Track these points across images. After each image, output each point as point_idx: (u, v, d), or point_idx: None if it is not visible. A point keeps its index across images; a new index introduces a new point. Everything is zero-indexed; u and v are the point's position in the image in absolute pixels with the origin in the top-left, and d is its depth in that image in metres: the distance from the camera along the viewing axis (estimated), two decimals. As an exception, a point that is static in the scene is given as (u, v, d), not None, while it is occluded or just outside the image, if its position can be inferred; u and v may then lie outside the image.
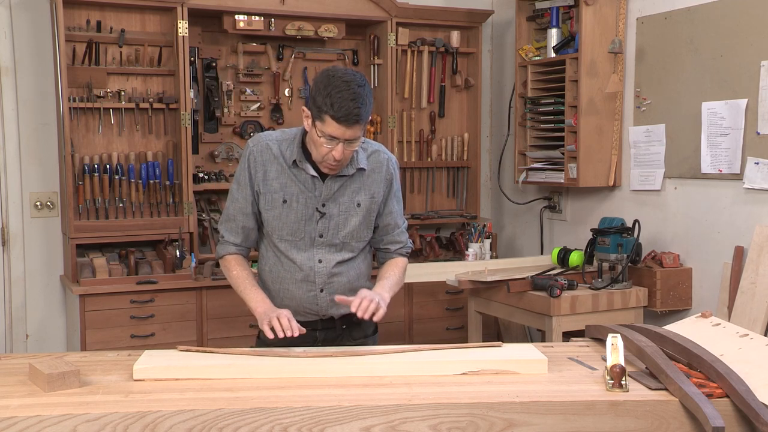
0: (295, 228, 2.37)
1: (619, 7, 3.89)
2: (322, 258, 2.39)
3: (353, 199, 2.38)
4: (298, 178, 2.35)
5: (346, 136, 2.20)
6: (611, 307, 3.48)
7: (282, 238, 2.38)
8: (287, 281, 2.41)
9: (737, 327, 2.31)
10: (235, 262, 2.45)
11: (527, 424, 1.84)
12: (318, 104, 2.19)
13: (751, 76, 3.28)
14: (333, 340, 2.46)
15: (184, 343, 3.61)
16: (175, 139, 3.97)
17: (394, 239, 2.52)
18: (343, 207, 2.37)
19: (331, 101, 2.16)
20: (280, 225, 2.37)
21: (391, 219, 2.48)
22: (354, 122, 2.18)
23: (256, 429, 1.78)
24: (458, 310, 4.29)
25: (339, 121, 2.17)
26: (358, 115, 2.18)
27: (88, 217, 3.79)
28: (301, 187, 2.35)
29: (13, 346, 3.92)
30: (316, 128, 2.23)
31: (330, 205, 2.36)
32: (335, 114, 2.16)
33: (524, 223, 4.77)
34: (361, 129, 2.25)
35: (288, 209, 2.36)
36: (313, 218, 2.36)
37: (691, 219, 3.62)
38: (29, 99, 3.91)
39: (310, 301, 2.41)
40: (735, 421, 1.86)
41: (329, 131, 2.19)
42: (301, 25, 4.15)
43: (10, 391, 1.91)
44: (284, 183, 2.35)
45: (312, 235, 2.37)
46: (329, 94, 2.17)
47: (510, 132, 4.57)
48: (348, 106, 2.16)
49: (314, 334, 2.43)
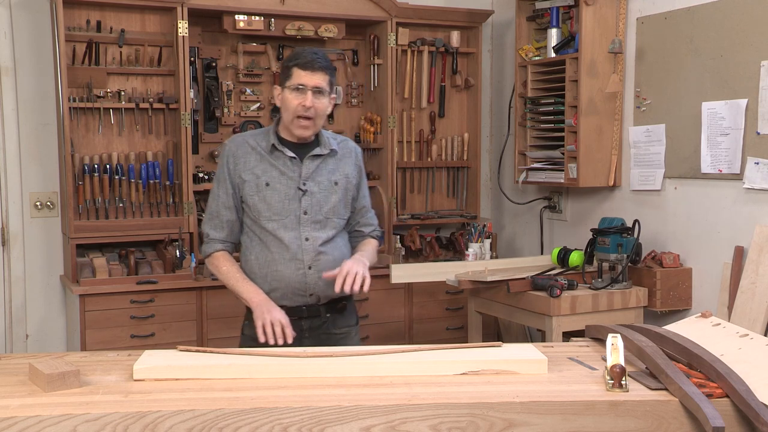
0: (280, 207, 2.54)
1: (619, 7, 3.89)
2: (308, 236, 2.55)
3: (330, 179, 2.59)
4: (277, 162, 2.56)
5: (312, 82, 2.47)
6: (611, 307, 3.48)
7: (270, 219, 2.54)
8: (276, 262, 2.55)
9: (737, 327, 2.30)
10: (223, 258, 2.61)
11: (527, 424, 1.84)
12: (285, 65, 2.53)
13: (751, 76, 3.28)
14: (318, 329, 2.60)
15: (184, 343, 3.61)
16: (175, 139, 3.97)
17: (368, 221, 2.74)
18: (323, 186, 2.57)
19: (296, 57, 2.51)
20: (266, 206, 2.54)
21: (365, 201, 2.73)
22: (317, 68, 2.47)
23: (256, 429, 1.78)
24: (458, 310, 4.29)
25: (304, 68, 2.47)
26: (320, 63, 2.49)
27: (88, 217, 3.80)
28: (281, 169, 2.55)
29: (13, 346, 3.92)
30: (286, 90, 2.51)
31: (310, 183, 2.56)
32: (299, 62, 2.48)
33: (524, 223, 4.77)
34: (325, 80, 2.50)
35: (271, 191, 2.54)
36: (296, 196, 2.54)
37: (691, 219, 3.62)
38: (29, 99, 3.92)
39: (299, 280, 2.54)
40: (735, 421, 1.86)
41: (297, 81, 2.48)
42: (301, 25, 4.15)
43: (10, 391, 1.91)
44: (264, 168, 2.55)
45: (297, 213, 2.54)
46: (294, 54, 2.55)
47: (510, 132, 4.58)
48: (310, 56, 2.49)
49: (300, 323, 2.55)
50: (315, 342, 2.54)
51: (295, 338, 2.47)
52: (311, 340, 2.57)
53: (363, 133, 4.44)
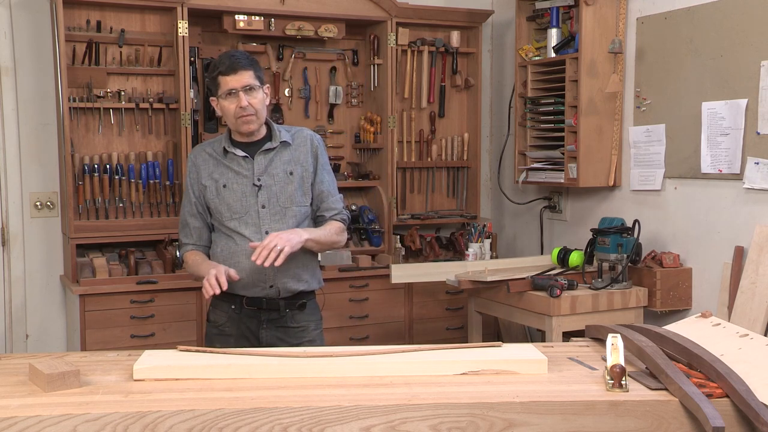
0: (239, 206, 2.65)
1: (619, 7, 3.89)
2: (268, 229, 2.64)
3: (285, 170, 2.68)
4: (231, 164, 2.67)
5: (240, 83, 2.56)
6: (611, 307, 3.48)
7: (231, 218, 2.66)
8: (238, 254, 2.64)
9: (737, 327, 2.30)
10: (191, 254, 2.76)
11: (527, 424, 1.84)
12: (211, 77, 2.62)
13: (751, 76, 3.28)
14: (275, 321, 2.70)
15: (184, 343, 3.61)
16: (175, 139, 3.97)
17: (330, 206, 2.77)
18: (278, 178, 2.67)
19: (217, 66, 2.60)
20: (226, 207, 2.66)
21: (323, 187, 2.76)
22: (239, 68, 2.55)
23: (256, 429, 1.78)
24: (458, 310, 4.29)
25: (227, 73, 2.56)
26: (240, 62, 2.56)
27: (88, 217, 3.80)
28: (235, 170, 2.67)
29: (13, 346, 3.92)
30: (219, 99, 2.60)
31: (264, 178, 2.66)
32: (221, 69, 2.57)
33: (524, 223, 4.77)
34: (251, 77, 2.57)
35: (228, 191, 2.66)
36: (252, 193, 2.65)
37: (691, 219, 3.62)
38: (29, 99, 3.91)
39: (259, 271, 2.59)
40: (735, 421, 1.86)
41: (225, 88, 2.57)
42: (301, 25, 4.15)
43: (10, 391, 1.91)
44: (221, 172, 2.68)
45: (255, 208, 2.65)
46: (214, 64, 2.63)
47: (510, 132, 4.57)
48: (229, 61, 2.58)
49: (258, 314, 2.68)
50: (272, 333, 2.69)
51: (253, 328, 2.68)
52: (268, 331, 2.69)
53: (363, 133, 4.44)
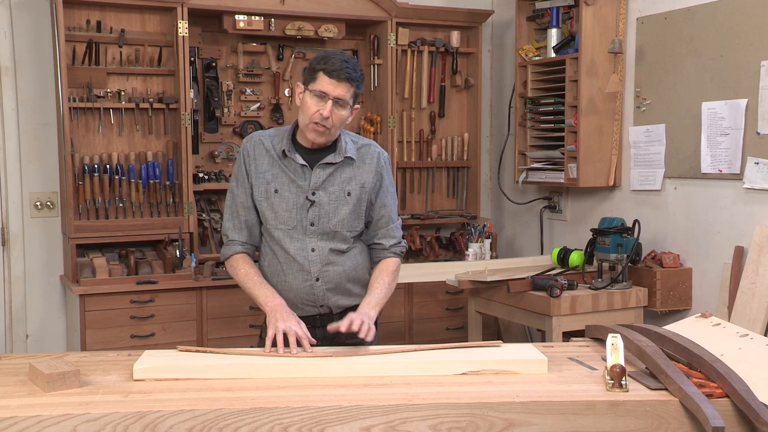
0: (287, 217, 2.43)
1: (619, 7, 3.89)
2: (315, 247, 2.43)
3: (343, 188, 2.44)
4: (288, 168, 2.43)
5: (335, 93, 2.32)
6: (611, 307, 3.48)
7: (276, 228, 2.44)
8: (284, 273, 2.45)
9: (737, 327, 2.31)
10: (242, 261, 2.48)
11: (527, 424, 1.84)
12: (312, 67, 2.36)
13: (751, 76, 3.28)
14: (332, 339, 2.40)
15: (184, 343, 3.61)
16: (175, 139, 3.97)
17: (389, 233, 2.54)
18: (333, 196, 2.43)
19: (324, 61, 2.33)
20: (273, 215, 2.44)
21: (385, 212, 2.53)
22: (344, 78, 2.31)
23: (256, 429, 1.78)
24: (458, 310, 4.29)
25: (330, 75, 2.31)
26: (348, 73, 2.32)
27: (88, 217, 3.80)
28: (291, 176, 2.43)
29: (13, 346, 3.92)
30: (307, 92, 2.35)
31: (320, 193, 2.42)
32: (326, 68, 2.31)
33: (524, 223, 4.77)
34: (348, 91, 2.34)
35: (279, 199, 2.43)
36: (303, 207, 2.42)
37: (691, 219, 3.62)
38: (29, 99, 3.91)
39: (307, 291, 2.44)
40: (735, 421, 1.86)
41: (320, 87, 2.32)
42: (301, 25, 4.15)
43: (10, 391, 1.91)
44: (275, 174, 2.44)
45: (304, 224, 2.42)
46: (324, 57, 2.35)
47: (510, 132, 4.57)
48: (339, 64, 2.32)
49: (313, 331, 2.39)
50: None
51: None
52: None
53: (363, 133, 4.44)
